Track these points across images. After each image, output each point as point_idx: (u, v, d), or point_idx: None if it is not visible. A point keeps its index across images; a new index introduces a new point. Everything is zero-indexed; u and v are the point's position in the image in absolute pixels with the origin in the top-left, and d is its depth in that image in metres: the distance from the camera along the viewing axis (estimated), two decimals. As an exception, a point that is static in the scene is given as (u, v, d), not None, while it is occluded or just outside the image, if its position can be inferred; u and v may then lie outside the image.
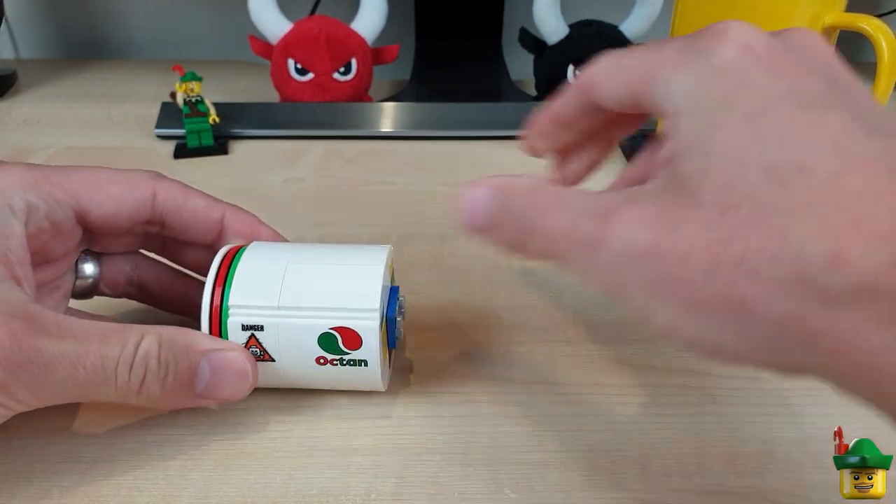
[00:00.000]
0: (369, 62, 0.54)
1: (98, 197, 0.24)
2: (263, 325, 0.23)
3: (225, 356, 0.23)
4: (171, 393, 0.22)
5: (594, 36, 0.54)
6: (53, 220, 0.24)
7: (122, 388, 0.21)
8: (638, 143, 0.48)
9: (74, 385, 0.20)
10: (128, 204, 0.25)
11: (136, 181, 0.25)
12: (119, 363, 0.20)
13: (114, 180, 0.25)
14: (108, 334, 0.21)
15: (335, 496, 0.22)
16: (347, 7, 0.55)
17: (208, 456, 0.24)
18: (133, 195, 0.25)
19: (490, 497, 0.22)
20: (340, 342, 0.23)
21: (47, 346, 0.20)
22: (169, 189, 0.26)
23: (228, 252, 0.25)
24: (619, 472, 0.23)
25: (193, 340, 0.22)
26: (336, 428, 0.25)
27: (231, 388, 0.23)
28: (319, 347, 0.23)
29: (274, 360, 0.24)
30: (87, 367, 0.20)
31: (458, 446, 0.24)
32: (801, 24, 0.36)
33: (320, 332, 0.23)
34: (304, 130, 0.50)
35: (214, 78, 0.61)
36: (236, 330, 0.23)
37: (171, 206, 0.26)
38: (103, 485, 0.23)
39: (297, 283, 0.24)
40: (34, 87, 0.61)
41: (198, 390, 0.22)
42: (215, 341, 0.23)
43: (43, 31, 0.74)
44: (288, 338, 0.23)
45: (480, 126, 0.51)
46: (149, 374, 0.21)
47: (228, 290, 0.23)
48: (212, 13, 0.73)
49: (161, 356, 0.21)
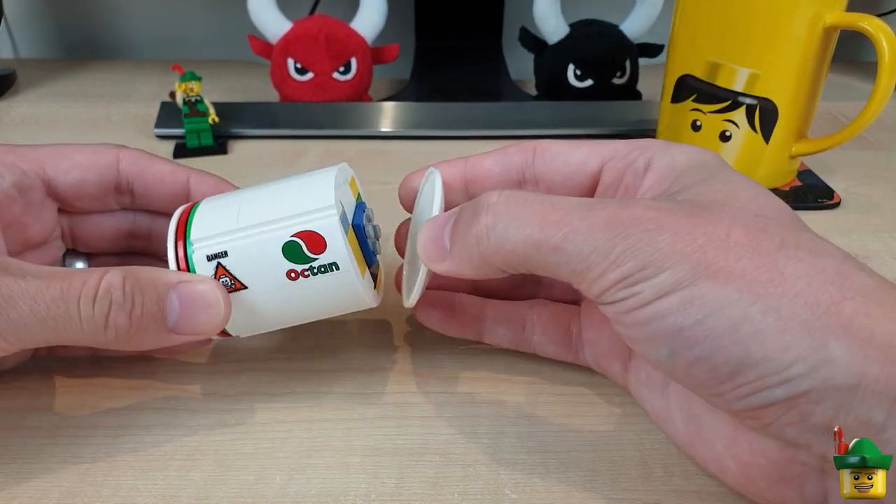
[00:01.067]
0: (369, 62, 0.54)
1: (63, 164, 0.25)
2: (227, 251, 0.23)
3: (193, 287, 0.22)
4: (141, 327, 0.21)
5: (594, 35, 0.54)
6: (21, 188, 0.24)
7: (87, 323, 0.20)
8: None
9: (36, 321, 0.20)
10: (93, 170, 0.26)
11: (100, 149, 0.26)
12: (81, 296, 0.20)
13: (78, 150, 0.26)
14: (70, 273, 0.21)
15: (335, 496, 0.22)
16: (347, 6, 0.54)
17: (208, 456, 0.24)
18: (97, 161, 0.26)
19: (490, 497, 0.22)
20: (305, 248, 0.23)
21: (7, 283, 0.20)
22: (132, 154, 0.27)
23: (184, 210, 0.25)
24: (619, 472, 0.23)
25: (160, 274, 0.22)
26: (336, 428, 0.25)
27: (205, 319, 0.22)
28: (286, 259, 0.23)
29: (246, 286, 0.23)
30: (47, 302, 0.20)
31: (458, 446, 0.24)
32: (802, 24, 0.36)
33: (283, 241, 0.23)
34: (304, 130, 0.50)
35: (214, 78, 0.61)
36: (202, 263, 0.23)
37: (136, 169, 0.27)
38: (103, 485, 0.23)
39: (253, 205, 0.24)
40: (33, 86, 0.61)
41: (169, 325, 0.22)
42: (182, 275, 0.22)
43: (42, 31, 0.74)
44: (253, 257, 0.23)
45: (480, 126, 0.51)
46: (114, 306, 0.21)
47: (189, 230, 0.23)
48: (211, 13, 0.73)
49: (126, 288, 0.21)
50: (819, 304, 0.17)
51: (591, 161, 0.24)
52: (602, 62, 0.54)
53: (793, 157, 0.41)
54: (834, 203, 0.41)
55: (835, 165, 0.46)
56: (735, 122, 0.39)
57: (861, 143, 0.50)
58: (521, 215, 0.20)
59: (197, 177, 0.28)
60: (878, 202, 0.42)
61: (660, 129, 0.45)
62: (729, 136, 0.40)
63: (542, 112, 0.53)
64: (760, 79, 0.38)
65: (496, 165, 0.26)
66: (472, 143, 0.50)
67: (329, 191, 0.23)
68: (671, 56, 0.42)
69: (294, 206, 0.23)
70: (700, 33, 0.39)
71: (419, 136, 0.50)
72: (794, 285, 0.17)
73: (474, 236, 0.20)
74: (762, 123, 0.39)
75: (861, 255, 0.36)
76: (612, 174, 0.24)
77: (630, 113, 0.53)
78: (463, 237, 0.21)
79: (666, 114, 0.43)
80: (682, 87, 0.41)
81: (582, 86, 0.55)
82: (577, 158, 0.25)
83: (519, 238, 0.19)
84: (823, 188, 0.43)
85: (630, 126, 0.51)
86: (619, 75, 0.55)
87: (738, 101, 0.39)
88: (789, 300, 0.17)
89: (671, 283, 0.18)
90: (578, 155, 0.25)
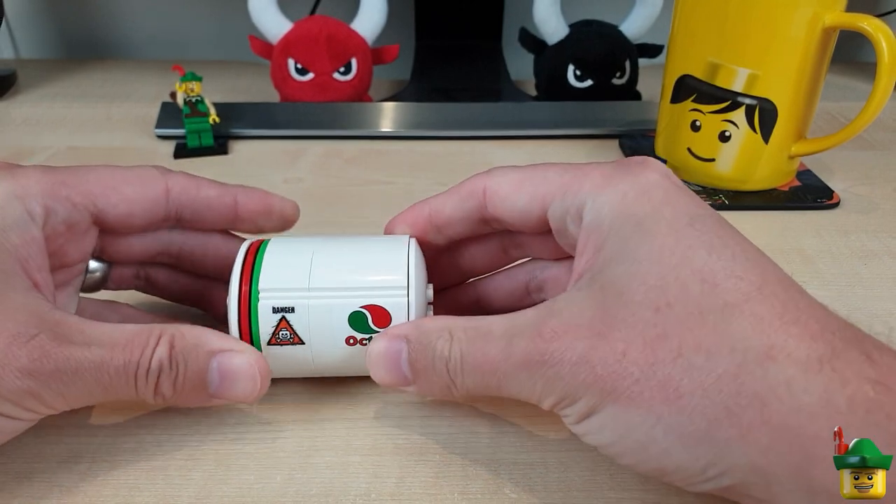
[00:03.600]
0: (369, 62, 0.54)
1: (113, 198, 0.25)
2: (294, 307, 0.23)
3: (231, 360, 0.22)
4: (184, 394, 0.22)
5: (594, 36, 0.54)
6: (70, 223, 0.24)
7: (141, 391, 0.21)
8: (638, 143, 0.48)
9: (100, 389, 0.21)
10: (143, 203, 0.25)
11: (149, 179, 0.26)
12: (139, 367, 0.21)
13: (127, 180, 0.25)
14: (130, 339, 0.21)
15: (335, 496, 0.22)
16: (347, 7, 0.55)
17: (208, 456, 0.24)
18: (146, 194, 0.25)
19: (490, 497, 0.22)
20: (370, 320, 0.23)
21: (75, 354, 0.20)
22: (180, 183, 0.26)
23: (251, 246, 0.25)
24: (619, 472, 0.23)
25: (202, 340, 0.22)
26: (336, 428, 0.25)
27: (242, 390, 0.22)
28: (349, 327, 0.23)
29: (304, 342, 0.24)
30: (111, 373, 0.20)
31: (458, 446, 0.24)
32: (801, 25, 0.36)
33: (350, 310, 0.23)
34: (304, 130, 0.50)
35: (214, 78, 0.61)
36: (267, 313, 0.23)
37: (185, 199, 0.26)
38: (103, 485, 0.23)
39: (325, 266, 0.24)
40: (34, 87, 0.61)
41: (211, 391, 0.22)
42: (224, 340, 0.22)
43: (43, 31, 0.74)
44: (318, 318, 0.23)
45: (480, 126, 0.51)
46: (162, 375, 0.21)
47: (257, 277, 0.23)
48: (212, 13, 0.73)
49: (172, 357, 0.21)
50: (717, 418, 0.17)
51: (534, 207, 0.24)
52: (602, 62, 0.54)
53: (792, 158, 0.41)
54: (833, 203, 0.41)
55: (834, 166, 0.46)
56: (734, 122, 0.39)
57: (860, 143, 0.50)
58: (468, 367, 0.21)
59: (244, 195, 0.27)
60: (878, 202, 0.42)
61: (659, 130, 0.45)
62: (728, 137, 0.40)
63: (542, 112, 0.53)
64: (760, 79, 0.38)
65: (457, 211, 0.26)
66: (472, 143, 0.50)
67: (402, 270, 0.24)
68: (671, 56, 0.42)
69: (368, 278, 0.24)
70: (699, 34, 0.39)
71: (419, 136, 0.50)
72: (689, 402, 0.18)
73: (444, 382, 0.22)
74: (762, 124, 0.39)
75: (861, 256, 0.36)
76: (555, 222, 0.24)
77: (630, 113, 0.53)
78: (428, 376, 0.22)
79: (665, 114, 0.43)
80: (681, 87, 0.41)
81: (582, 86, 0.55)
82: (522, 204, 0.24)
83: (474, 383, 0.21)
84: (823, 188, 0.43)
85: (630, 126, 0.51)
86: (618, 75, 0.55)
87: (737, 102, 0.39)
88: (687, 417, 0.18)
89: (587, 408, 0.19)
90: (523, 200, 0.24)
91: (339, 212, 0.40)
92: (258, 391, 0.22)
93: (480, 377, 0.21)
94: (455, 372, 0.21)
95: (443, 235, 0.27)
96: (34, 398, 0.20)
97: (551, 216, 0.24)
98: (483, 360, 0.21)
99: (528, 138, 0.51)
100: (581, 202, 0.22)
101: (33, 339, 0.20)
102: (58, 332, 0.20)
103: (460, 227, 0.26)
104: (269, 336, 0.23)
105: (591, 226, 0.22)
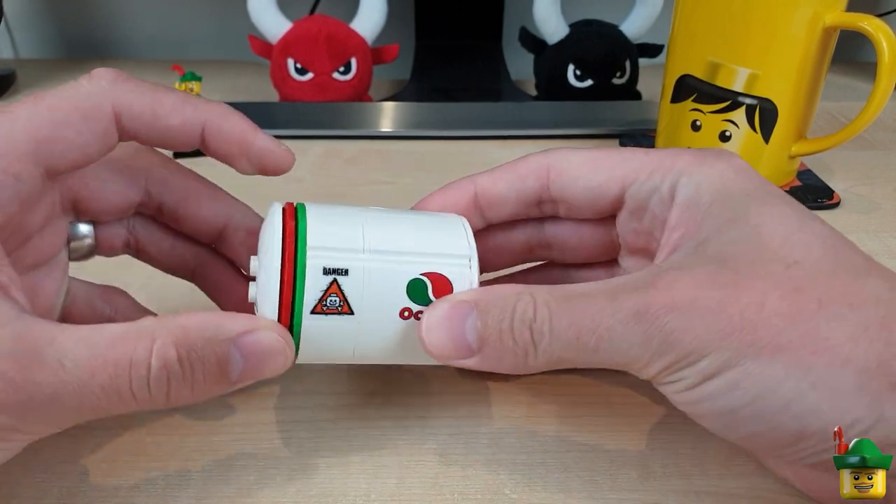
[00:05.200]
0: (369, 62, 0.54)
1: (58, 147, 0.20)
2: (348, 269, 0.20)
3: (257, 338, 0.19)
4: (204, 391, 0.19)
5: (594, 35, 0.54)
6: (17, 197, 0.20)
7: (144, 402, 0.18)
8: (639, 143, 0.48)
9: (90, 409, 0.18)
10: (92, 146, 0.21)
11: (91, 111, 0.21)
12: (133, 378, 0.18)
13: (68, 121, 0.20)
14: (112, 347, 0.18)
15: (335, 496, 0.22)
16: (347, 6, 0.55)
17: (208, 456, 0.24)
18: (94, 130, 0.21)
19: (490, 497, 0.22)
20: (430, 290, 0.21)
21: (48, 380, 0.17)
22: (133, 107, 0.21)
23: (286, 204, 0.22)
24: (619, 472, 0.23)
25: (216, 328, 0.19)
26: (336, 428, 0.25)
27: (270, 368, 0.20)
28: (407, 296, 0.21)
29: (353, 311, 0.21)
30: (97, 393, 0.17)
31: (458, 446, 0.24)
32: (801, 24, 0.36)
33: (410, 277, 0.21)
34: (304, 130, 0.50)
35: (214, 78, 0.61)
36: (316, 274, 0.20)
37: (140, 127, 0.22)
38: (103, 485, 0.23)
39: (380, 230, 0.21)
40: (33, 87, 0.61)
41: (233, 378, 0.19)
42: (241, 320, 0.19)
43: (42, 31, 0.74)
44: (375, 284, 0.20)
45: (480, 125, 0.51)
46: (173, 381, 0.18)
47: (303, 233, 0.20)
48: (211, 13, 0.73)
49: (183, 358, 0.18)
50: (868, 368, 0.17)
51: (611, 186, 0.23)
52: (602, 62, 0.54)
53: (793, 157, 0.41)
54: (834, 203, 0.41)
55: (834, 165, 0.46)
56: (735, 122, 0.39)
57: (861, 143, 0.50)
58: (558, 327, 0.19)
59: (215, 128, 0.23)
60: (878, 202, 0.42)
61: (659, 130, 0.45)
62: (729, 137, 0.40)
63: (542, 112, 0.53)
64: (760, 79, 0.38)
65: (511, 191, 0.24)
66: (472, 143, 0.50)
67: (464, 241, 0.22)
68: (671, 56, 0.42)
69: (428, 245, 0.21)
70: (700, 33, 0.39)
71: (419, 136, 0.50)
72: (840, 352, 0.17)
73: (520, 349, 0.20)
74: (762, 123, 0.39)
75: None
76: (636, 201, 0.23)
77: (630, 113, 0.53)
78: (502, 344, 0.20)
79: (666, 114, 0.43)
80: (681, 87, 0.41)
81: (582, 86, 0.55)
82: (597, 183, 0.23)
83: (562, 346, 0.19)
84: (823, 188, 0.43)
85: (630, 126, 0.51)
86: (618, 75, 0.55)
87: (737, 101, 0.39)
88: (838, 369, 0.17)
89: (715, 367, 0.18)
90: (598, 179, 0.23)
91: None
92: (287, 365, 0.20)
93: (574, 337, 0.19)
94: (540, 334, 0.19)
95: (484, 217, 0.25)
96: (11, 431, 0.18)
97: (632, 195, 0.23)
98: (581, 315, 0.19)
99: (529, 138, 0.50)
100: (674, 180, 0.22)
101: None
102: (23, 351, 0.17)
103: (510, 207, 0.25)
104: (315, 302, 0.20)
105: (689, 201, 0.21)
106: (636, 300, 0.18)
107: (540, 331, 0.19)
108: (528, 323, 0.19)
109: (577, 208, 0.24)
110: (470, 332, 0.20)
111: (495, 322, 0.20)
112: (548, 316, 0.19)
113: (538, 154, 0.24)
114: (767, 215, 0.20)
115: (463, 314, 0.20)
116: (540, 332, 0.19)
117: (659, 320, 0.18)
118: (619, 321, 0.18)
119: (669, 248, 0.22)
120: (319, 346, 0.21)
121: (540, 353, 0.19)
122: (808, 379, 0.17)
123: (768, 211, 0.20)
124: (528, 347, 0.19)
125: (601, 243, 0.26)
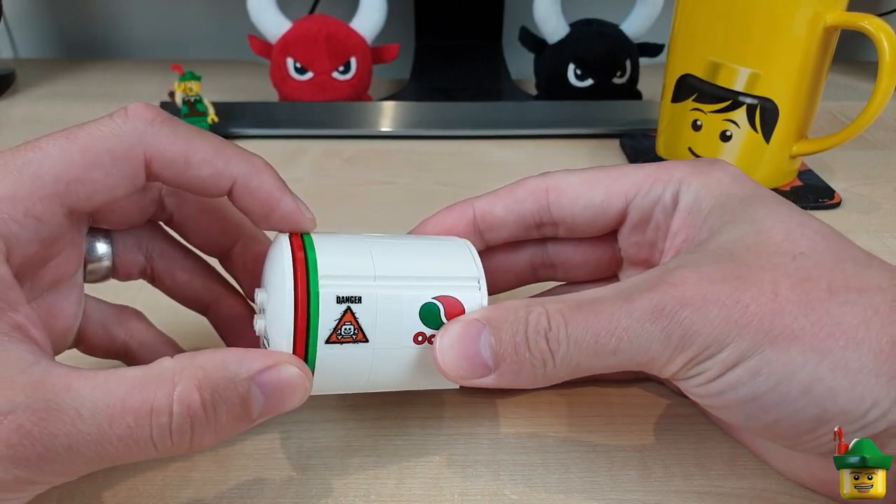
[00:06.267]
0: (369, 61, 0.54)
1: (83, 191, 0.20)
2: (362, 297, 0.20)
3: (278, 375, 0.19)
4: (227, 431, 0.19)
5: (595, 35, 0.54)
6: (40, 239, 0.20)
7: (166, 449, 0.18)
8: (639, 142, 0.48)
9: (107, 459, 0.17)
10: (120, 189, 0.21)
11: (121, 156, 0.20)
12: (154, 429, 0.17)
13: (98, 162, 0.20)
14: (131, 393, 0.17)
15: (335, 497, 0.22)
16: (347, 6, 0.54)
17: (207, 456, 0.24)
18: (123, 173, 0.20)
19: (490, 498, 0.22)
20: (442, 313, 0.21)
21: (63, 430, 0.16)
22: (164, 155, 0.21)
23: (291, 235, 0.22)
24: (619, 472, 0.23)
25: (236, 368, 0.18)
26: (335, 428, 0.25)
27: (290, 404, 0.19)
28: (420, 321, 0.21)
29: (367, 339, 0.20)
30: (114, 443, 0.17)
31: (458, 446, 0.24)
32: (802, 24, 0.36)
33: (423, 301, 0.21)
34: (303, 130, 0.50)
35: (213, 77, 0.61)
36: (330, 304, 0.20)
37: (169, 176, 0.21)
38: (103, 485, 0.23)
39: (387, 256, 0.21)
40: (32, 86, 0.61)
41: (254, 416, 0.19)
42: (260, 356, 0.19)
43: (41, 31, 0.74)
44: (388, 310, 0.20)
45: (480, 125, 0.51)
46: (197, 425, 0.18)
47: (313, 263, 0.20)
48: (211, 13, 0.73)
49: (207, 401, 0.18)
50: (882, 350, 0.17)
51: (614, 202, 0.24)
52: (602, 62, 0.54)
53: (793, 157, 0.41)
54: (834, 203, 0.41)
55: (835, 165, 0.46)
56: (735, 121, 0.39)
57: (861, 142, 0.50)
58: (575, 333, 0.19)
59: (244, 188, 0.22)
60: (879, 202, 0.42)
61: (660, 129, 0.45)
62: (729, 136, 0.40)
63: (542, 112, 0.53)
64: (761, 78, 0.37)
65: (509, 214, 0.24)
66: (472, 143, 0.50)
67: (471, 263, 0.22)
68: (671, 56, 0.42)
69: (436, 268, 0.22)
70: (700, 33, 0.39)
71: (419, 135, 0.50)
72: (854, 335, 0.18)
73: (538, 360, 0.19)
74: (763, 123, 0.39)
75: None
76: (640, 213, 0.23)
77: (630, 113, 0.53)
78: (518, 357, 0.20)
79: (666, 113, 0.43)
80: (682, 86, 0.41)
81: (582, 85, 0.54)
82: (599, 200, 0.24)
83: (580, 352, 0.19)
84: (824, 188, 0.43)
85: (630, 125, 0.51)
86: (619, 75, 0.55)
87: (738, 101, 0.39)
88: (854, 351, 0.17)
89: (736, 356, 0.18)
90: (599, 196, 0.24)
91: (339, 212, 0.40)
92: (305, 397, 0.20)
93: (592, 341, 0.19)
94: (557, 342, 0.19)
95: (483, 240, 0.25)
96: (26, 483, 0.17)
97: (636, 207, 0.24)
98: (596, 319, 0.19)
99: (529, 138, 0.50)
100: (675, 188, 0.23)
101: (7, 419, 0.16)
102: (39, 401, 0.16)
103: (510, 230, 0.25)
104: (330, 332, 0.20)
105: (690, 207, 0.22)
106: (651, 298, 0.19)
107: (556, 339, 0.19)
108: (543, 332, 0.19)
109: (578, 227, 0.25)
110: (484, 349, 0.20)
111: (509, 336, 0.20)
112: (563, 323, 0.19)
113: (536, 177, 0.25)
114: (767, 214, 0.21)
115: (476, 332, 0.20)
116: (556, 341, 0.19)
117: (677, 315, 0.18)
118: (637, 320, 0.19)
119: (673, 253, 0.22)
120: (334, 376, 0.21)
121: (559, 361, 0.19)
122: (826, 362, 0.18)
123: (767, 210, 0.21)
124: (545, 357, 0.19)
125: (603, 259, 0.26)
